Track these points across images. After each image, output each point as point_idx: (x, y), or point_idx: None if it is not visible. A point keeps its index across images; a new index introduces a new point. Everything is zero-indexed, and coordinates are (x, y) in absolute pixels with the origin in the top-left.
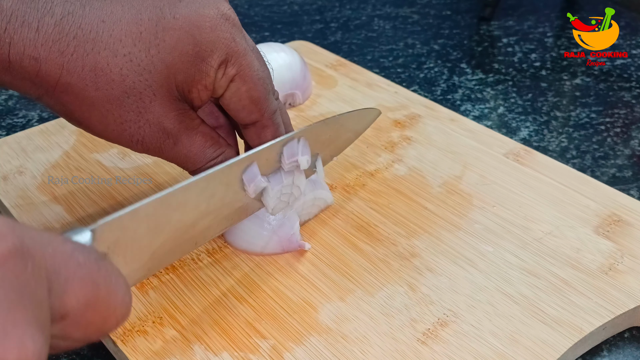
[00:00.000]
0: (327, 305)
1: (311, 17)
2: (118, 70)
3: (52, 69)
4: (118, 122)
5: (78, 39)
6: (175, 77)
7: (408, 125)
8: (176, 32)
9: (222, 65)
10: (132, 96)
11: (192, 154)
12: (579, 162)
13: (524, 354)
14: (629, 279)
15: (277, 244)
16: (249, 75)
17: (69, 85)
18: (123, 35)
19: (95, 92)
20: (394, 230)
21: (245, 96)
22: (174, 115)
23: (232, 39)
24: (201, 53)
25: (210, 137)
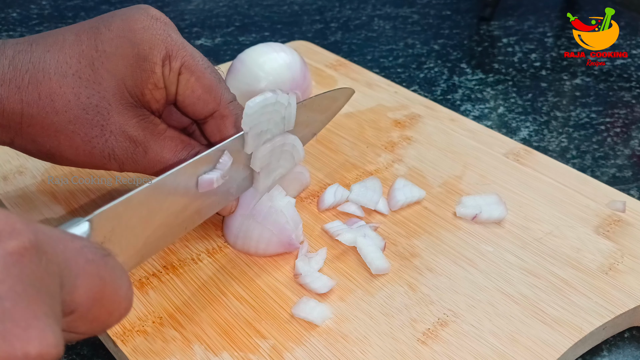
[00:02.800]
0: (327, 305)
1: (311, 17)
2: (70, 89)
3: (14, 105)
4: (85, 140)
5: (30, 72)
6: (124, 83)
7: (408, 125)
8: (113, 40)
9: (166, 60)
10: (91, 111)
11: (165, 159)
12: (579, 162)
13: (524, 354)
14: (629, 279)
15: (279, 244)
16: (194, 65)
17: (32, 117)
18: (68, 57)
19: (56, 116)
20: (394, 230)
21: (197, 86)
22: (136, 122)
23: (168, 35)
24: (141, 52)
25: (180, 140)
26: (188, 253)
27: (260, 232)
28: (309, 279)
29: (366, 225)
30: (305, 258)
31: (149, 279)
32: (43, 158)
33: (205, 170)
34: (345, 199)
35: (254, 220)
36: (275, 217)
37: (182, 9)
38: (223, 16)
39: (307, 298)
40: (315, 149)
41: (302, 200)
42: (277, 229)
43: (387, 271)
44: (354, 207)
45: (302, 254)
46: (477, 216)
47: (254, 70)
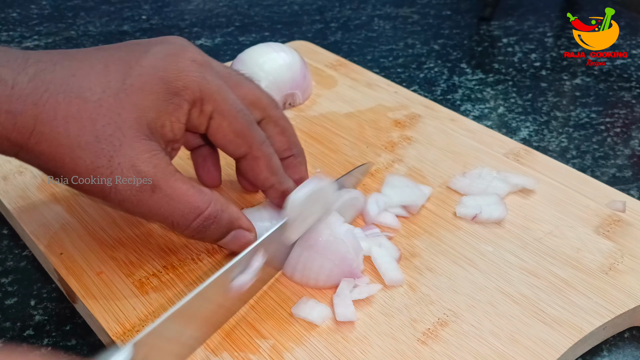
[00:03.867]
0: (328, 305)
1: (311, 17)
2: (88, 115)
3: (27, 120)
4: (90, 168)
5: (50, 92)
6: (146, 115)
7: (408, 125)
8: (143, 77)
9: (197, 103)
10: (103, 140)
11: (177, 203)
12: (579, 162)
13: (524, 354)
14: (629, 279)
15: (340, 274)
16: (226, 110)
17: (42, 135)
18: (93, 85)
19: (67, 139)
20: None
21: (229, 130)
22: (147, 157)
23: (203, 78)
24: (171, 89)
25: (191, 186)
26: (188, 253)
27: (322, 263)
28: (338, 300)
29: (381, 233)
30: (352, 282)
31: (149, 279)
32: (46, 173)
33: (237, 273)
34: (388, 205)
35: (314, 250)
36: (336, 246)
37: (182, 9)
38: (223, 16)
39: (307, 298)
40: (315, 149)
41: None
42: (338, 259)
43: (401, 283)
44: (391, 218)
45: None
46: (477, 216)
47: (254, 70)
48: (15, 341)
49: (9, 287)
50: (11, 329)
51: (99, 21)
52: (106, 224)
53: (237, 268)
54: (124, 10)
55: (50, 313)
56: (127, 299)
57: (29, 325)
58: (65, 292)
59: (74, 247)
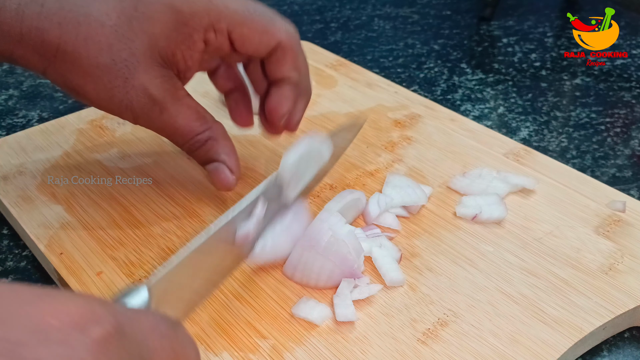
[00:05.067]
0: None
1: (311, 17)
2: (105, 39)
3: (53, 38)
4: (108, 87)
5: (73, 12)
6: (157, 43)
7: (408, 125)
8: (154, 4)
9: (210, 27)
10: (119, 63)
11: (179, 125)
12: (579, 162)
13: (524, 354)
14: (629, 279)
15: (341, 275)
16: (240, 19)
17: (66, 54)
18: (109, 10)
19: (87, 59)
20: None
21: (252, 33)
22: (159, 82)
23: (209, 1)
24: (180, 19)
25: (196, 111)
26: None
27: (322, 264)
28: (338, 300)
29: (382, 234)
30: (352, 282)
31: (148, 278)
32: (69, 93)
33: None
34: (389, 206)
35: (315, 251)
36: (337, 247)
37: None
38: None
39: (307, 298)
40: None
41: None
42: (339, 260)
43: (401, 283)
44: (391, 219)
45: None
46: (477, 216)
47: None
48: None
49: None
50: None
51: None
52: (106, 224)
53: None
54: None
55: None
56: None
57: None
58: None
59: (74, 247)
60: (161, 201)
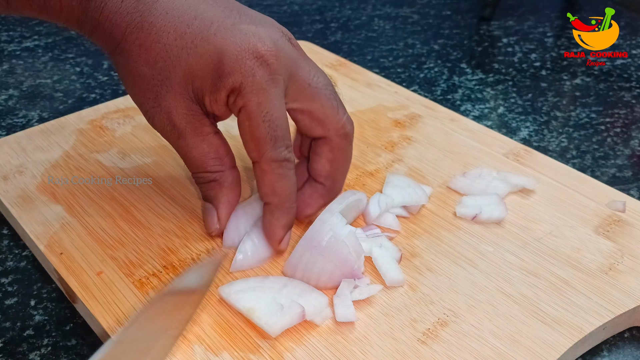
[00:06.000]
0: (327, 304)
1: (311, 17)
2: (154, 54)
3: (118, 34)
4: (142, 93)
5: (144, 17)
6: (193, 81)
7: (408, 125)
8: (209, 46)
9: (234, 92)
10: (156, 79)
11: (192, 156)
12: (579, 162)
13: (524, 354)
14: (629, 279)
15: (341, 276)
16: (253, 112)
17: (122, 51)
18: (172, 29)
19: (135, 63)
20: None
21: (247, 131)
22: (184, 113)
23: (252, 73)
24: (219, 71)
25: (215, 150)
26: (188, 253)
27: (323, 265)
28: (338, 301)
29: (382, 234)
30: (352, 283)
31: (149, 278)
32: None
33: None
34: (389, 207)
35: (316, 252)
36: (338, 247)
37: None
38: None
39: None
40: None
41: None
42: (339, 261)
43: (401, 284)
44: (391, 219)
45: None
46: (477, 216)
47: None
48: (15, 341)
49: (9, 287)
50: (11, 329)
51: None
52: (106, 224)
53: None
54: None
55: (50, 313)
56: (127, 299)
57: (29, 325)
58: (65, 292)
59: (74, 247)
60: (161, 201)
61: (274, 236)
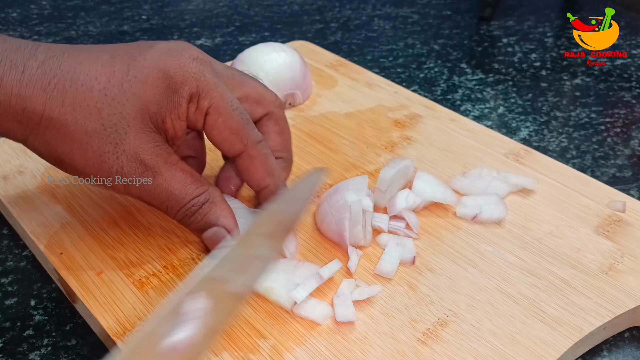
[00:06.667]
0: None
1: (311, 17)
2: (94, 104)
3: (36, 105)
4: (97, 154)
5: (58, 78)
6: (148, 108)
7: (408, 125)
8: (146, 69)
9: (194, 98)
10: (109, 128)
11: (173, 189)
12: (579, 162)
13: (524, 354)
14: (629, 279)
15: (334, 232)
16: (222, 106)
17: (51, 120)
18: (98, 74)
19: (75, 125)
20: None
21: (224, 127)
22: (150, 147)
23: (202, 74)
24: (171, 85)
25: (190, 175)
26: (188, 253)
27: (327, 211)
28: (338, 301)
29: (406, 230)
30: (352, 282)
31: (149, 279)
32: (53, 162)
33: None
34: (416, 205)
35: (328, 204)
36: (341, 206)
37: (182, 9)
38: (223, 16)
39: (308, 297)
40: (315, 149)
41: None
42: (337, 218)
43: (389, 276)
44: (413, 218)
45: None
46: (477, 216)
47: (254, 70)
48: (15, 341)
49: (9, 287)
50: (11, 329)
51: (99, 21)
52: (106, 224)
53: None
54: (124, 10)
55: (50, 313)
56: (127, 299)
57: (29, 325)
58: (65, 292)
59: (74, 247)
60: None
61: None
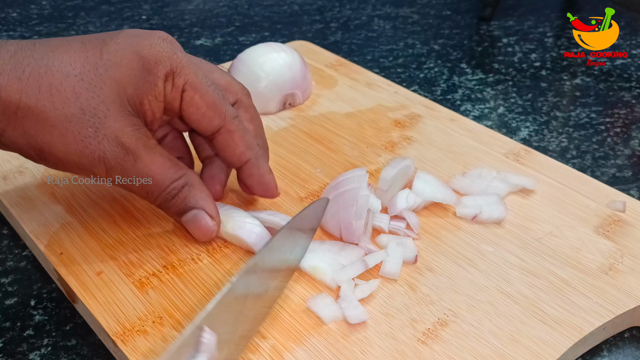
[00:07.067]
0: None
1: (311, 17)
2: (71, 89)
3: (12, 94)
4: (78, 139)
5: (32, 66)
6: (125, 91)
7: (408, 125)
8: (119, 52)
9: (169, 77)
10: (88, 112)
11: (153, 173)
12: (579, 162)
13: (524, 354)
14: (629, 279)
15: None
16: (197, 82)
17: (29, 109)
18: (72, 59)
19: (54, 111)
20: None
21: (201, 103)
22: (130, 131)
23: (174, 53)
24: (146, 66)
25: (169, 159)
26: (188, 253)
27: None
28: (345, 304)
29: (406, 230)
30: (352, 283)
31: (149, 279)
32: (31, 155)
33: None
34: (416, 205)
35: (335, 189)
36: (348, 197)
37: (182, 9)
38: (223, 16)
39: (326, 295)
40: (315, 149)
41: (302, 200)
42: (343, 207)
43: (394, 277)
44: (414, 219)
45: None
46: (477, 216)
47: (254, 70)
48: (15, 341)
49: (9, 287)
50: (11, 329)
51: (99, 21)
52: (106, 224)
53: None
54: (124, 10)
55: (50, 313)
56: (127, 299)
57: (29, 325)
58: (65, 292)
59: (74, 247)
60: None
61: (270, 184)
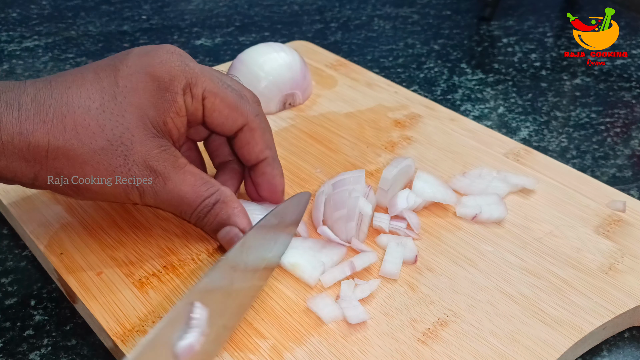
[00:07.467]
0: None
1: (311, 17)
2: (95, 122)
3: (40, 138)
4: (110, 170)
5: (54, 107)
6: (147, 114)
7: (408, 125)
8: (132, 76)
9: (187, 90)
10: (115, 142)
11: (184, 192)
12: (579, 162)
13: (524, 354)
14: (629, 279)
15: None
16: (215, 87)
17: (58, 149)
18: (90, 92)
19: (82, 148)
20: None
21: (223, 106)
22: (157, 153)
23: (185, 65)
24: (162, 85)
25: (200, 177)
26: (188, 253)
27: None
28: (345, 304)
29: (406, 230)
30: (352, 283)
31: (149, 279)
32: (68, 192)
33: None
34: (416, 205)
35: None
36: (339, 198)
37: (182, 9)
38: (223, 16)
39: (326, 295)
40: (315, 149)
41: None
42: (335, 208)
43: (394, 277)
44: (414, 219)
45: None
46: (477, 216)
47: (254, 70)
48: (15, 341)
49: (9, 287)
50: (11, 329)
51: (99, 21)
52: (106, 224)
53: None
54: (124, 10)
55: (50, 313)
56: (127, 299)
57: (29, 325)
58: (65, 292)
59: (74, 247)
60: None
61: (279, 187)
